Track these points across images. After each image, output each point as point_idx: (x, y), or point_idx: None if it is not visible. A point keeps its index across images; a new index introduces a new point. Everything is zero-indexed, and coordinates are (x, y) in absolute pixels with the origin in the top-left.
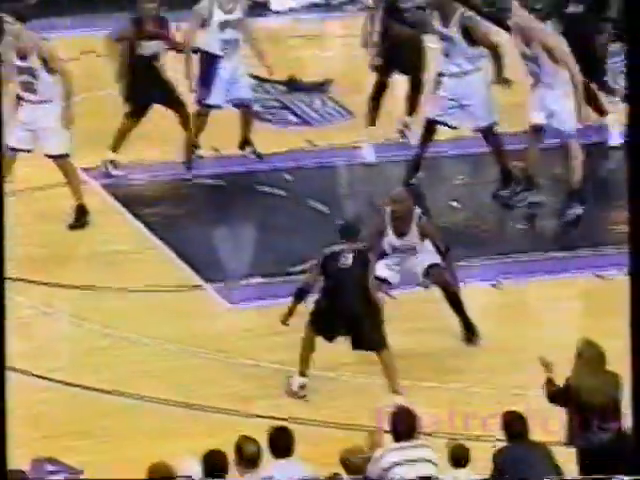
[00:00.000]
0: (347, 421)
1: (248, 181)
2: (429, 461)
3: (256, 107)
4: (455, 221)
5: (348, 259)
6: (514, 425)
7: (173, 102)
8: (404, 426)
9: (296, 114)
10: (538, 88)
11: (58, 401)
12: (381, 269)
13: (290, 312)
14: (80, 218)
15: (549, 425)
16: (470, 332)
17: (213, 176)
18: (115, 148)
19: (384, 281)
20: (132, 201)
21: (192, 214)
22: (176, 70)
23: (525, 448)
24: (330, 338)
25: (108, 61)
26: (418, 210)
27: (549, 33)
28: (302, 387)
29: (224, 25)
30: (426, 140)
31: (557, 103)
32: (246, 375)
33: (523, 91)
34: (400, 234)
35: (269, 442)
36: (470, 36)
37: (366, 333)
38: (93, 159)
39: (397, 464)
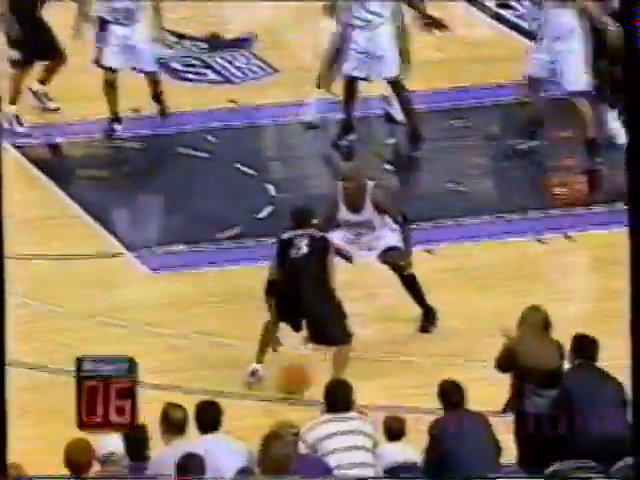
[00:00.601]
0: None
1: (170, 143)
2: (363, 433)
3: (175, 65)
4: (388, 185)
5: (302, 248)
6: (451, 395)
7: (52, 49)
8: (339, 398)
9: (218, 72)
10: (543, 40)
11: None
12: (337, 239)
13: (271, 309)
14: None
15: (489, 394)
16: (429, 320)
17: (133, 138)
18: (13, 101)
19: (340, 254)
20: (48, 164)
21: (111, 178)
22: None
23: (462, 418)
24: (296, 328)
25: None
26: (371, 183)
27: None
28: (253, 374)
29: None
30: (349, 98)
31: (565, 60)
32: (173, 346)
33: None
34: (354, 210)
35: (196, 416)
36: None
37: (327, 328)
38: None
39: (329, 436)
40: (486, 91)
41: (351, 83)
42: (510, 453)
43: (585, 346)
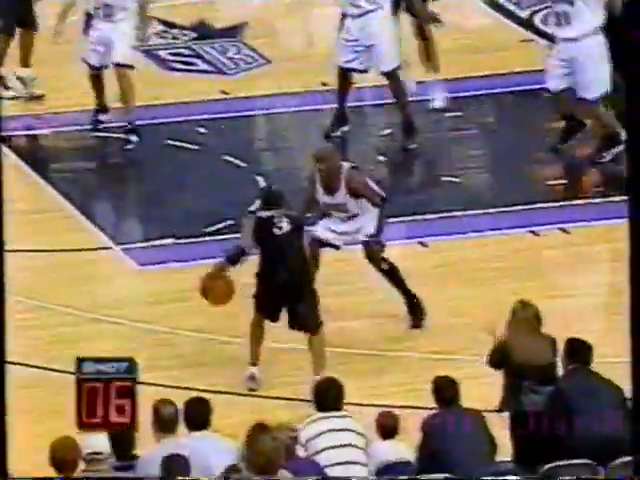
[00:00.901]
0: (269, 392)
1: (158, 134)
2: (354, 431)
3: (164, 54)
4: (382, 176)
5: (283, 225)
6: (445, 391)
7: (29, 22)
8: (329, 397)
9: (208, 62)
10: (562, 44)
11: None
12: (322, 231)
13: (217, 273)
14: None
15: (484, 391)
16: (416, 316)
17: (120, 129)
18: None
19: (326, 244)
20: (32, 155)
21: (98, 169)
22: None
23: (456, 415)
24: (273, 317)
25: None
26: (347, 165)
27: None
28: (252, 378)
29: None
30: (343, 89)
31: (582, 69)
32: (160, 343)
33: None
34: (329, 192)
35: (184, 414)
36: None
37: (302, 313)
38: None
39: (320, 434)
40: (481, 82)
41: (345, 74)
42: (506, 450)
43: (579, 350)
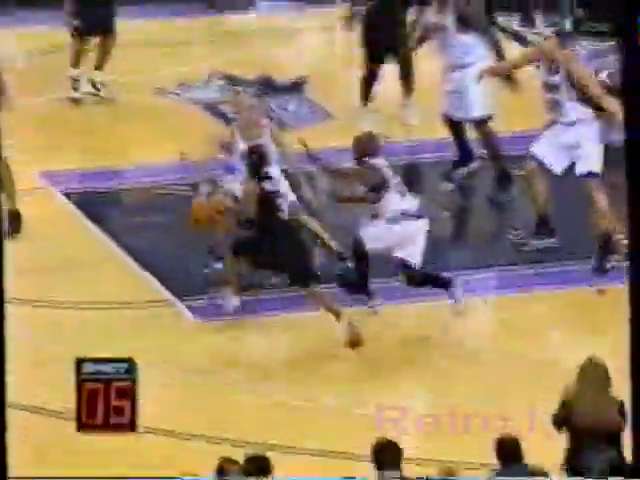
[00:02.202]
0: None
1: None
2: None
3: (225, 109)
4: (445, 231)
5: (285, 208)
6: (507, 449)
7: (108, 28)
8: (389, 457)
9: (269, 116)
10: (557, 125)
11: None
12: None
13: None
14: (13, 224)
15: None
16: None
17: (180, 183)
18: (75, 65)
19: None
20: (92, 208)
21: (157, 223)
22: None
23: (519, 472)
24: (254, 266)
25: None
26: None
27: (574, 57)
28: (236, 309)
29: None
30: (457, 137)
31: (582, 144)
32: (219, 397)
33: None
34: None
35: (245, 470)
36: (465, 24)
37: (297, 271)
38: (54, 164)
39: None
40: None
41: (452, 122)
42: None
43: None
